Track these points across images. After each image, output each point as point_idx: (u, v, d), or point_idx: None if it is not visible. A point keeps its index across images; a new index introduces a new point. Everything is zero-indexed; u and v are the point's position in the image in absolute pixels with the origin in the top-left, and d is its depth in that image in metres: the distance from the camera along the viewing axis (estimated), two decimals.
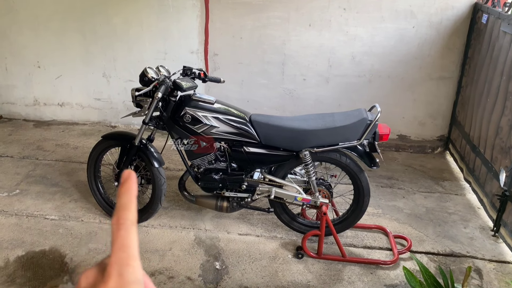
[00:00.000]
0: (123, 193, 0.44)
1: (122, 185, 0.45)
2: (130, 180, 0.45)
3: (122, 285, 0.39)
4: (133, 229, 0.43)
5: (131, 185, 0.45)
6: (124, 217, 0.42)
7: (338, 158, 2.75)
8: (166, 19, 4.39)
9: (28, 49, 4.75)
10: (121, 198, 0.44)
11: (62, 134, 4.71)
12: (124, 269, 0.40)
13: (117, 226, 0.42)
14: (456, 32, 4.10)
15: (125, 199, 0.44)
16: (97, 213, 3.23)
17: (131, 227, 0.42)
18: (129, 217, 0.43)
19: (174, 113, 2.78)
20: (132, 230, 0.42)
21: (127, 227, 0.42)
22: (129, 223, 0.42)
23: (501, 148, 3.12)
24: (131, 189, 0.45)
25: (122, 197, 0.44)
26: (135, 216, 0.43)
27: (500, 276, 2.68)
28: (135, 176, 0.46)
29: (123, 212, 0.43)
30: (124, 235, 0.42)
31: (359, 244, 2.97)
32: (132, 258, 0.41)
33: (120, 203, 0.44)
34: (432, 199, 3.56)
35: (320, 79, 4.45)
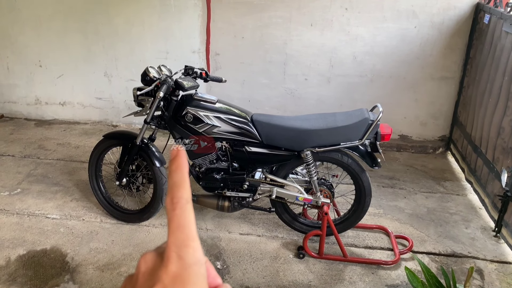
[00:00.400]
0: (174, 170, 0.42)
1: (173, 162, 0.42)
2: (180, 157, 0.42)
3: (183, 267, 0.38)
4: (189, 207, 0.40)
5: (182, 162, 0.42)
6: (178, 195, 0.40)
7: (339, 158, 2.74)
8: (167, 19, 4.39)
9: (30, 48, 4.76)
10: (173, 175, 0.41)
11: (64, 133, 4.71)
12: (183, 251, 0.38)
13: (171, 205, 0.40)
14: (458, 32, 4.09)
15: (177, 176, 0.41)
16: (98, 212, 3.23)
17: (186, 205, 0.40)
18: (184, 195, 0.40)
19: (176, 112, 2.78)
20: (187, 208, 0.40)
21: (182, 205, 0.40)
22: (183, 201, 0.40)
23: (502, 149, 3.11)
24: (183, 166, 0.42)
25: (174, 174, 0.41)
26: (189, 194, 0.41)
27: (501, 276, 2.67)
28: (185, 152, 0.43)
29: (177, 190, 0.40)
30: (180, 214, 0.39)
31: (360, 244, 2.96)
32: (191, 239, 0.39)
33: (173, 181, 0.41)
34: (433, 199, 3.55)
35: (321, 79, 4.45)
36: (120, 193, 3.25)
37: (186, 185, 0.41)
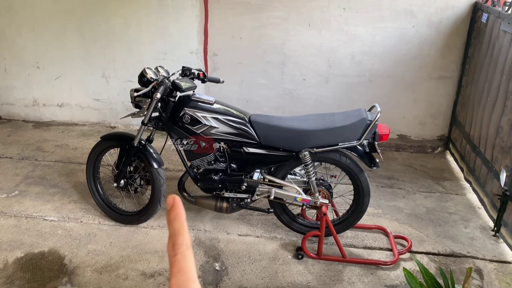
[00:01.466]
0: (173, 219, 0.46)
1: (171, 212, 0.46)
2: (176, 205, 0.46)
3: None
4: (189, 252, 0.44)
5: (179, 210, 0.46)
6: (179, 242, 0.44)
7: (338, 158, 2.74)
8: (165, 19, 4.38)
9: (27, 50, 4.75)
10: (173, 224, 0.45)
11: (62, 135, 4.70)
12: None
13: (173, 252, 0.44)
14: (456, 32, 4.09)
15: (177, 224, 0.45)
16: (97, 214, 3.22)
17: (186, 251, 0.44)
18: (184, 242, 0.44)
19: (173, 113, 2.77)
20: (188, 253, 0.44)
21: (183, 251, 0.44)
22: (184, 247, 0.44)
23: (501, 148, 3.11)
24: (180, 214, 0.46)
25: (173, 223, 0.45)
26: (189, 239, 0.45)
27: (501, 276, 2.67)
28: (180, 201, 0.47)
29: (177, 237, 0.44)
30: (181, 259, 0.43)
31: (359, 245, 2.96)
32: (191, 281, 0.43)
33: (173, 229, 0.45)
34: (432, 199, 3.55)
35: (320, 79, 4.44)
36: (118, 195, 3.23)
37: (186, 232, 0.45)
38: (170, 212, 0.46)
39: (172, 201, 0.46)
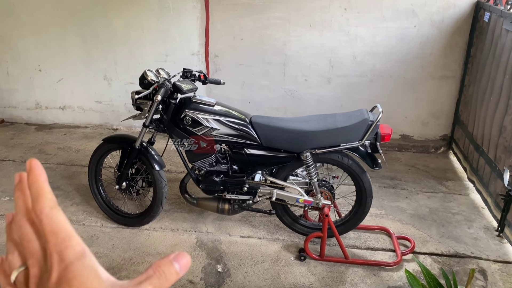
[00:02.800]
0: (31, 184, 0.43)
1: (28, 177, 0.43)
2: (33, 169, 0.43)
3: (66, 268, 0.39)
4: (55, 212, 0.42)
5: (37, 173, 0.43)
6: (39, 207, 0.42)
7: (339, 159, 2.73)
8: (166, 21, 4.38)
9: (29, 53, 4.76)
10: (31, 190, 0.43)
11: (64, 138, 4.71)
12: (63, 253, 0.40)
13: (37, 218, 0.42)
14: (458, 31, 4.07)
15: (34, 189, 0.43)
16: (99, 217, 3.23)
17: (51, 212, 0.42)
18: (45, 204, 0.42)
19: (175, 115, 2.77)
20: (53, 214, 0.42)
21: (47, 214, 0.41)
22: (47, 210, 0.42)
23: (504, 148, 3.09)
24: (38, 176, 0.43)
25: (32, 188, 0.43)
26: (52, 200, 0.42)
27: (505, 277, 2.65)
28: (38, 164, 0.44)
29: (37, 203, 0.42)
30: (48, 223, 0.41)
31: (362, 246, 2.94)
32: (67, 239, 0.41)
33: (32, 195, 0.43)
34: (435, 199, 3.53)
35: (321, 80, 4.43)
36: (120, 197, 3.24)
37: (46, 193, 0.42)
38: (28, 177, 0.43)
39: (29, 165, 0.44)
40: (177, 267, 0.43)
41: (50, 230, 0.41)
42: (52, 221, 0.41)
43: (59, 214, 0.42)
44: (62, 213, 0.42)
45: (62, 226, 0.41)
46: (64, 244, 0.40)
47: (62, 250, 0.40)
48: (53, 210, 0.42)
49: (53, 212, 0.42)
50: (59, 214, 0.42)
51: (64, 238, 0.41)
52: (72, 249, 0.40)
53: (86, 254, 0.41)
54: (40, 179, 0.43)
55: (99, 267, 0.41)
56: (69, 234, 0.41)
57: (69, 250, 0.40)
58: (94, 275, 0.40)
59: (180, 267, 0.43)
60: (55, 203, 0.43)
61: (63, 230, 0.41)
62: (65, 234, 0.41)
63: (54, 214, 0.42)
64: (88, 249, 0.42)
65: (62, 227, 0.41)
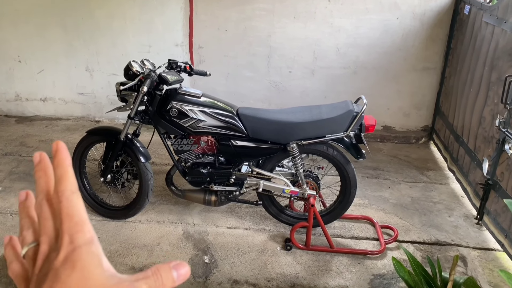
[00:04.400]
0: (56, 166, 0.45)
1: (54, 158, 0.45)
2: (60, 151, 0.45)
3: (73, 249, 0.41)
4: (75, 197, 0.44)
5: (63, 156, 0.45)
6: (61, 189, 0.43)
7: (325, 150, 2.76)
8: (149, 12, 4.33)
9: (8, 43, 4.65)
10: (55, 171, 0.44)
11: (45, 130, 4.63)
12: (74, 236, 0.42)
13: (57, 199, 0.43)
14: (439, 23, 4.14)
15: (59, 171, 0.44)
16: None
17: (71, 196, 0.43)
18: (67, 187, 0.44)
19: (160, 107, 2.76)
20: (73, 198, 0.43)
21: (67, 197, 0.43)
22: (68, 193, 0.43)
23: (484, 138, 3.17)
24: (64, 159, 0.45)
25: (56, 170, 0.44)
26: (74, 184, 0.44)
27: (484, 263, 2.74)
28: (64, 146, 0.45)
29: (60, 184, 0.44)
30: (66, 205, 0.43)
31: (346, 235, 3.00)
32: (80, 224, 0.43)
33: (56, 176, 0.44)
34: (417, 189, 3.61)
35: (305, 71, 4.45)
36: (105, 190, 3.21)
37: (69, 177, 0.44)
38: (54, 158, 0.45)
39: (56, 147, 0.45)
40: (175, 275, 0.44)
41: (67, 212, 0.43)
42: (71, 205, 0.43)
43: (78, 199, 0.44)
44: (81, 199, 0.44)
45: (78, 211, 0.43)
46: (76, 228, 0.42)
47: (74, 233, 0.42)
48: (74, 195, 0.44)
49: (73, 196, 0.44)
50: (78, 199, 0.44)
51: (77, 222, 0.42)
52: (82, 234, 0.42)
53: (94, 242, 0.43)
54: (65, 162, 0.45)
55: (103, 257, 0.43)
56: (83, 220, 0.43)
57: (80, 234, 0.42)
58: (98, 262, 0.42)
59: (178, 276, 0.44)
60: (76, 188, 0.44)
61: (78, 215, 0.43)
62: (79, 219, 0.43)
63: (74, 198, 0.43)
64: (97, 238, 0.44)
65: (78, 212, 0.43)
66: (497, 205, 2.89)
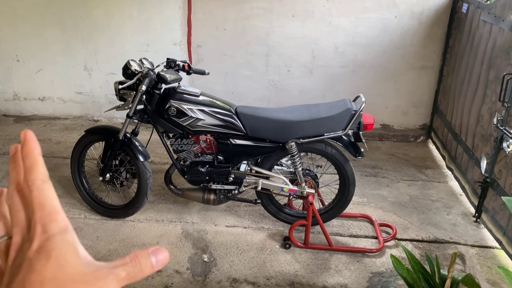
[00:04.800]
0: (25, 156, 0.43)
1: (23, 148, 0.44)
2: (28, 140, 0.44)
3: (47, 239, 0.40)
4: (46, 186, 0.43)
5: (31, 145, 0.44)
6: (32, 178, 0.42)
7: (323, 148, 2.77)
8: (147, 11, 4.33)
9: (6, 43, 4.64)
10: (25, 161, 0.43)
11: (44, 129, 4.63)
12: (47, 225, 0.41)
13: (28, 189, 0.42)
14: (437, 22, 4.15)
15: (28, 160, 0.43)
16: (82, 209, 3.20)
17: (42, 185, 0.42)
18: (38, 176, 0.43)
19: (159, 106, 2.76)
20: (44, 187, 0.42)
21: (38, 186, 0.42)
22: (39, 182, 0.42)
23: (482, 136, 3.18)
24: (32, 148, 0.44)
25: (25, 159, 0.43)
26: (44, 173, 0.43)
27: (482, 260, 2.75)
28: (32, 135, 0.45)
29: (30, 173, 0.43)
30: (37, 195, 0.42)
31: (345, 233, 3.00)
32: (53, 213, 0.42)
33: (25, 166, 0.43)
34: (415, 187, 3.62)
35: (304, 70, 4.46)
36: (103, 189, 3.21)
37: (38, 166, 0.43)
38: (22, 148, 0.44)
39: (24, 136, 0.44)
40: (154, 261, 0.44)
41: (38, 202, 0.41)
42: (42, 194, 0.42)
43: (49, 188, 0.43)
44: (52, 187, 0.43)
45: (50, 200, 0.42)
46: (49, 217, 0.41)
47: (47, 222, 0.41)
48: (44, 184, 0.43)
49: (44, 185, 0.42)
50: (49, 188, 0.43)
51: (50, 211, 0.41)
52: (56, 223, 0.41)
53: (68, 230, 0.42)
54: (34, 151, 0.44)
55: (79, 245, 0.42)
56: (56, 208, 0.42)
57: (53, 223, 0.41)
58: (73, 250, 0.41)
59: (157, 261, 0.44)
60: (46, 177, 0.43)
61: (50, 204, 0.42)
62: (51, 208, 0.42)
63: (44, 187, 0.42)
64: (71, 226, 0.43)
65: (50, 201, 0.42)
66: (495, 203, 2.90)
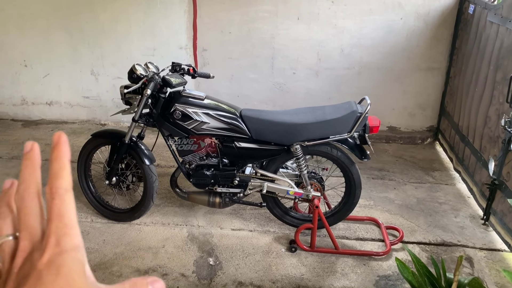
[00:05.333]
0: (54, 159, 0.41)
1: (53, 151, 0.42)
2: (60, 145, 0.42)
3: (59, 253, 0.39)
4: (68, 196, 0.41)
5: (62, 150, 0.42)
6: (56, 185, 0.41)
7: (329, 151, 2.76)
8: (153, 15, 4.35)
9: (14, 48, 4.69)
10: (53, 165, 0.41)
11: (51, 133, 4.66)
12: (61, 239, 0.39)
13: (50, 195, 0.41)
14: (444, 23, 4.12)
15: (57, 165, 0.41)
16: (89, 212, 3.22)
17: (65, 195, 0.41)
18: (62, 185, 0.41)
19: (164, 109, 2.77)
20: (66, 198, 0.41)
21: (60, 195, 0.41)
22: (62, 191, 0.41)
23: (489, 138, 3.15)
24: (63, 154, 0.42)
25: (54, 164, 0.41)
26: (69, 182, 0.41)
27: (491, 264, 2.72)
28: (66, 139, 0.43)
29: (56, 180, 0.41)
30: (58, 204, 0.40)
31: (351, 236, 2.99)
32: (69, 227, 0.40)
33: (52, 170, 0.41)
34: (422, 189, 3.59)
35: (309, 72, 4.45)
36: (110, 192, 3.23)
37: (65, 174, 0.41)
38: (52, 151, 0.42)
39: (57, 139, 0.42)
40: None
41: (58, 211, 0.40)
42: (63, 204, 0.41)
43: (71, 199, 0.41)
44: (73, 199, 0.42)
45: (69, 212, 0.41)
46: (65, 230, 0.40)
47: (61, 235, 0.40)
48: (68, 193, 0.41)
49: (67, 195, 0.41)
50: (71, 199, 0.41)
51: (67, 224, 0.40)
52: (70, 238, 0.40)
53: (80, 248, 0.41)
54: (65, 157, 0.42)
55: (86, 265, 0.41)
56: (73, 222, 0.41)
57: (68, 238, 0.40)
58: (82, 270, 0.40)
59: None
60: (70, 187, 0.42)
61: (68, 216, 0.41)
62: (69, 221, 0.40)
63: (67, 197, 0.41)
64: (83, 244, 0.41)
65: (69, 213, 0.41)
66: (503, 205, 2.87)
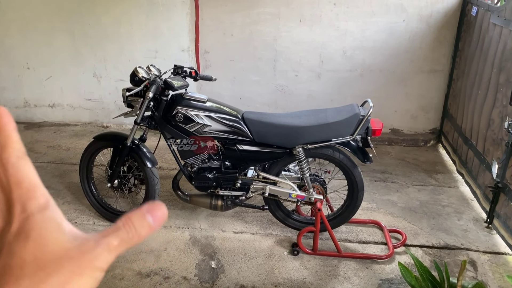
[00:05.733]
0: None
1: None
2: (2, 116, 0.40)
3: (26, 218, 0.38)
4: (21, 162, 0.40)
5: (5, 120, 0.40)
6: (5, 156, 0.39)
7: (331, 154, 2.75)
8: (155, 18, 4.36)
9: (17, 50, 4.70)
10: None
11: (54, 136, 4.67)
12: (26, 204, 0.38)
13: (3, 167, 0.39)
14: (446, 25, 4.11)
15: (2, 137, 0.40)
16: (91, 215, 3.21)
17: (18, 162, 0.39)
18: (12, 154, 0.39)
19: (166, 112, 2.77)
20: (20, 164, 0.39)
21: (13, 163, 0.39)
22: (14, 159, 0.39)
23: (493, 140, 3.14)
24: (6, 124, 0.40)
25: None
26: (19, 150, 0.40)
27: (494, 267, 2.70)
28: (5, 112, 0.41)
29: (4, 151, 0.39)
30: (14, 172, 0.39)
31: (354, 239, 2.97)
32: (31, 190, 0.39)
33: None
34: (425, 192, 3.57)
35: (312, 75, 4.44)
36: (112, 195, 3.22)
37: (13, 143, 0.40)
38: None
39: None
40: (150, 220, 0.40)
41: (15, 180, 0.39)
42: (18, 171, 0.39)
43: (25, 164, 0.40)
44: (29, 163, 0.40)
45: (27, 176, 0.39)
46: (28, 195, 0.38)
47: (25, 201, 0.38)
48: (20, 160, 0.40)
49: (20, 162, 0.40)
50: (26, 165, 0.40)
51: (28, 188, 0.39)
52: (35, 200, 0.39)
53: (49, 206, 0.39)
54: (7, 127, 0.40)
55: (63, 220, 0.39)
56: (34, 185, 0.39)
57: (32, 201, 0.38)
58: (56, 227, 0.38)
59: (154, 220, 0.40)
60: (22, 153, 0.40)
61: (27, 181, 0.39)
62: (29, 185, 0.39)
63: (20, 164, 0.40)
64: (53, 201, 0.40)
65: (27, 178, 0.39)
66: (507, 208, 2.85)
